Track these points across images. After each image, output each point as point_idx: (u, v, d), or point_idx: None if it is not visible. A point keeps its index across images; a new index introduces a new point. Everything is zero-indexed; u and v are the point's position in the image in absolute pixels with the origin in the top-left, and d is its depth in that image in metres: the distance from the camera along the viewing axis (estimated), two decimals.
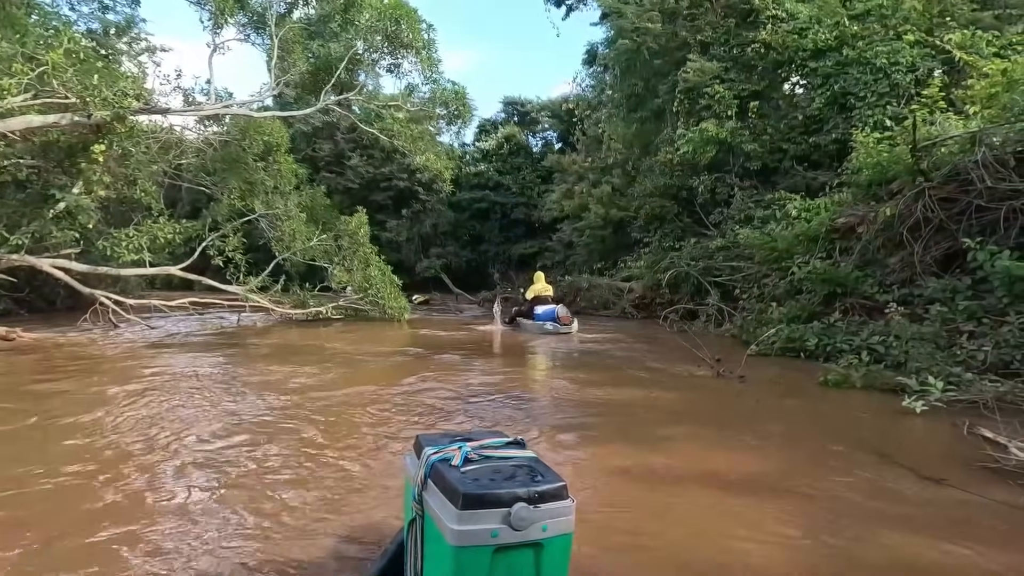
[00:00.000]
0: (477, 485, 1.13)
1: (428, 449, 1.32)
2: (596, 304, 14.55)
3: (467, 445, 1.32)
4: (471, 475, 1.19)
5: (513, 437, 1.44)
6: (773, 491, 2.64)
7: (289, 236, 12.70)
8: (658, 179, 14.29)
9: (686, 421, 3.97)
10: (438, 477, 1.21)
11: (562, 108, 33.31)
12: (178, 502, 2.44)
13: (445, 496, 1.15)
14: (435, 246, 30.83)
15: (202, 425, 3.63)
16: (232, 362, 6.39)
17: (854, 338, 6.40)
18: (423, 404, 4.34)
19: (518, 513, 1.08)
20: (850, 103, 10.64)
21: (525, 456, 1.33)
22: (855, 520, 2.34)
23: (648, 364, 6.73)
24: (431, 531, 1.20)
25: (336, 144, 32.98)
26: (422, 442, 1.38)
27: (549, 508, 1.13)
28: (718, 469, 2.94)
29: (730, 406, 4.44)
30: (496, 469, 1.23)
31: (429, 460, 1.27)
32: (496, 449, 1.35)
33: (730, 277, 10.70)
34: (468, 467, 1.23)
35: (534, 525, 1.10)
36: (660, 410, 4.30)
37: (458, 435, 1.43)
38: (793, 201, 10.25)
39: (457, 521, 1.08)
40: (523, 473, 1.22)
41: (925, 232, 6.81)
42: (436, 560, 1.18)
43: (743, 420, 4.02)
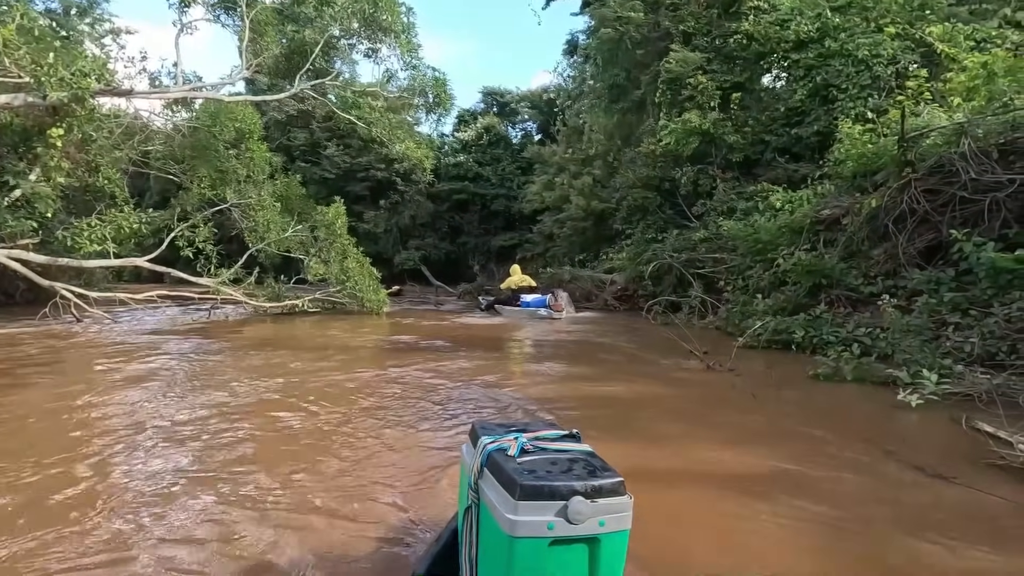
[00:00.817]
0: (534, 476, 1.12)
1: (484, 438, 1.31)
2: (578, 296, 14.43)
3: (523, 436, 1.31)
4: (527, 466, 1.18)
5: (569, 430, 1.41)
6: (782, 493, 2.51)
7: (263, 227, 12.29)
8: (640, 170, 14.20)
9: (683, 418, 3.84)
10: (495, 467, 1.20)
11: (542, 99, 33.10)
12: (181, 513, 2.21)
13: (502, 486, 1.14)
14: (414, 238, 30.40)
15: (161, 434, 3.37)
16: (200, 360, 6.07)
17: (840, 330, 6.38)
18: (405, 403, 4.13)
19: (575, 507, 1.07)
20: (832, 95, 10.65)
21: (581, 449, 1.31)
22: (871, 523, 2.23)
23: (637, 357, 6.62)
24: (486, 520, 1.19)
25: (311, 133, 32.25)
26: (478, 431, 1.38)
27: (606, 503, 1.11)
28: (723, 470, 2.81)
29: (726, 401, 4.33)
30: (552, 461, 1.22)
31: (486, 449, 1.26)
32: (552, 441, 1.34)
33: (713, 269, 10.67)
34: (524, 458, 1.22)
35: (591, 520, 1.09)
36: (655, 406, 4.17)
37: (513, 425, 1.43)
38: (776, 193, 10.24)
39: (514, 511, 1.08)
40: (580, 467, 1.20)
41: (909, 224, 6.81)
42: (491, 549, 1.18)
43: (741, 416, 3.92)
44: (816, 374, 4.98)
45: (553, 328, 9.75)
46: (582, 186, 20.63)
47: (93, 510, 2.25)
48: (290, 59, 12.26)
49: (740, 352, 6.54)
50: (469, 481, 1.29)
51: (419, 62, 12.79)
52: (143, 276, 16.31)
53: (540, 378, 5.22)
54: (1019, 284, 5.57)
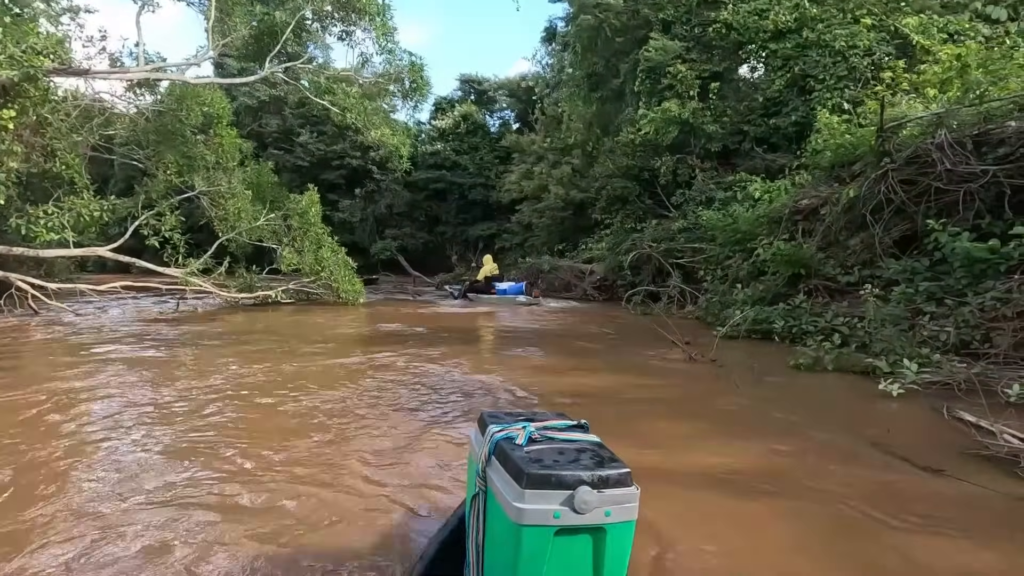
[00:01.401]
0: (541, 465, 1.12)
1: (492, 426, 1.32)
2: (557, 286, 14.41)
3: (531, 425, 1.32)
4: (535, 455, 1.18)
5: (577, 420, 1.41)
6: (770, 489, 2.46)
7: (234, 215, 11.89)
8: (620, 160, 14.14)
9: (667, 410, 3.79)
10: (502, 455, 1.21)
11: (520, 87, 32.80)
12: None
13: (509, 474, 1.15)
14: (390, 227, 29.95)
15: (117, 437, 3.17)
16: (165, 355, 5.81)
17: (819, 319, 6.42)
18: (386, 397, 3.98)
19: (581, 496, 1.07)
20: (809, 85, 10.72)
21: (589, 440, 1.31)
22: (861, 518, 2.18)
23: (619, 347, 6.57)
24: (493, 507, 1.21)
25: (284, 119, 31.45)
26: (486, 419, 1.38)
27: (613, 494, 1.11)
28: (709, 465, 2.75)
29: (710, 392, 4.29)
30: (560, 451, 1.22)
31: (493, 437, 1.27)
32: (560, 431, 1.34)
33: (692, 259, 10.70)
34: (532, 447, 1.23)
35: (597, 510, 1.08)
36: (638, 397, 4.10)
37: (522, 414, 1.44)
38: (754, 183, 10.29)
39: (520, 499, 1.08)
40: (587, 457, 1.20)
41: (886, 214, 6.87)
42: (497, 536, 1.19)
43: (725, 408, 3.88)
44: (797, 364, 4.98)
45: (533, 317, 9.68)
46: (561, 175, 20.52)
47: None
48: (260, 40, 11.79)
49: (721, 342, 6.54)
50: (477, 468, 1.29)
51: (395, 46, 12.45)
52: (108, 267, 15.72)
53: (522, 370, 5.12)
54: (992, 273, 5.66)
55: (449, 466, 2.65)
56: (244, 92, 31.71)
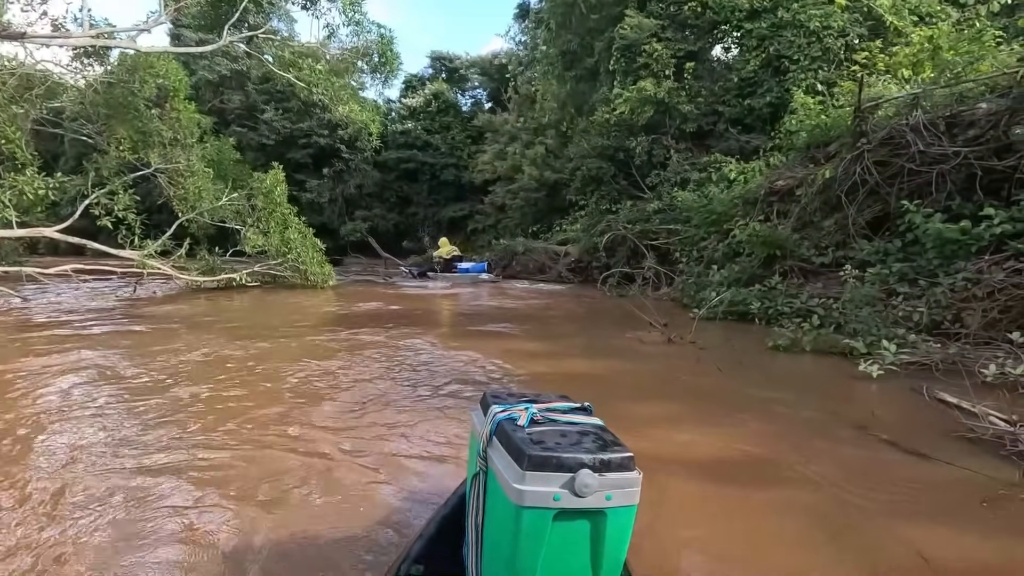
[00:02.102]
0: (542, 447, 1.11)
1: (495, 407, 1.30)
2: (532, 268, 14.26)
3: (534, 406, 1.31)
4: (537, 437, 1.16)
5: (580, 403, 1.39)
6: (759, 477, 2.39)
7: (194, 194, 11.32)
8: (594, 140, 13.96)
9: (650, 395, 3.69)
10: (503, 435, 1.20)
11: (492, 65, 32.18)
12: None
13: (510, 455, 1.13)
14: (360, 208, 29.26)
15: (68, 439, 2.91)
16: (121, 344, 5.46)
17: (794, 300, 6.43)
18: (359, 387, 3.78)
19: (582, 479, 1.05)
20: (784, 66, 10.69)
21: (592, 423, 1.29)
22: (854, 506, 2.12)
23: (597, 330, 6.47)
24: (493, 487, 1.19)
25: (247, 95, 30.21)
26: (489, 399, 1.37)
27: (615, 477, 1.09)
28: (696, 452, 2.66)
29: (693, 375, 4.21)
30: (562, 433, 1.21)
31: (496, 418, 1.26)
32: (562, 413, 1.32)
33: (667, 240, 10.67)
34: (534, 428, 1.22)
35: (598, 493, 1.07)
36: (620, 381, 4.00)
37: (524, 395, 1.42)
38: (729, 164, 10.26)
39: (521, 481, 1.06)
40: (589, 440, 1.19)
41: (860, 195, 6.90)
42: (497, 516, 1.18)
43: (709, 392, 3.80)
44: (776, 345, 4.96)
45: (509, 299, 9.54)
46: (534, 156, 20.27)
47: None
48: (217, 8, 11.14)
49: (698, 324, 6.52)
50: (478, 448, 1.28)
51: (362, 17, 11.92)
52: (61, 249, 14.92)
53: (499, 353, 4.96)
54: (963, 254, 5.74)
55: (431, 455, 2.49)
56: (204, 66, 30.34)
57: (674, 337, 5.43)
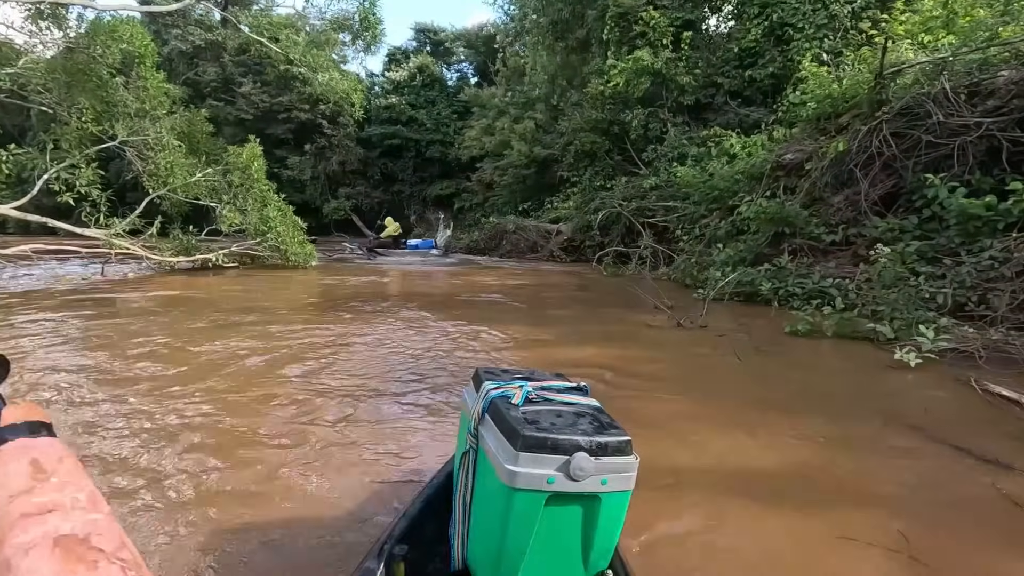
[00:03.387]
0: (537, 427, 1.04)
1: (488, 383, 1.24)
2: (523, 247, 13.83)
3: (528, 384, 1.23)
4: (531, 416, 1.10)
5: (577, 382, 1.32)
6: (829, 496, 2.01)
7: (165, 170, 10.63)
8: (588, 113, 13.42)
9: (669, 387, 3.31)
10: (496, 414, 1.14)
11: (479, 37, 31.19)
12: None
13: (503, 434, 1.08)
14: (343, 186, 28.43)
15: None
16: (88, 329, 4.95)
17: (804, 281, 6.10)
18: (342, 381, 3.36)
19: (578, 463, 0.99)
20: (788, 35, 10.22)
21: (588, 404, 1.22)
22: (943, 535, 1.75)
23: (599, 313, 6.08)
24: (484, 467, 1.14)
25: (223, 67, 29.01)
26: (482, 375, 1.30)
27: (611, 462, 1.02)
28: (731, 457, 2.30)
29: (710, 365, 3.84)
30: (558, 413, 1.14)
31: (488, 395, 1.19)
32: (558, 392, 1.25)
33: (664, 218, 10.28)
34: (528, 407, 1.15)
35: (593, 477, 1.01)
36: (632, 372, 3.62)
37: (519, 372, 1.36)
38: (730, 138, 9.84)
39: (514, 462, 1.00)
40: (586, 421, 1.11)
41: (875, 169, 6.54)
42: (486, 497, 1.14)
43: (736, 386, 3.43)
44: (794, 330, 4.61)
45: (501, 279, 9.11)
46: (524, 131, 19.65)
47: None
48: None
49: (701, 304, 6.17)
50: (469, 425, 1.22)
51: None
52: (33, 229, 14.12)
53: (497, 341, 4.56)
54: (988, 231, 5.42)
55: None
56: (176, 35, 29.05)
57: (683, 321, 5.06)
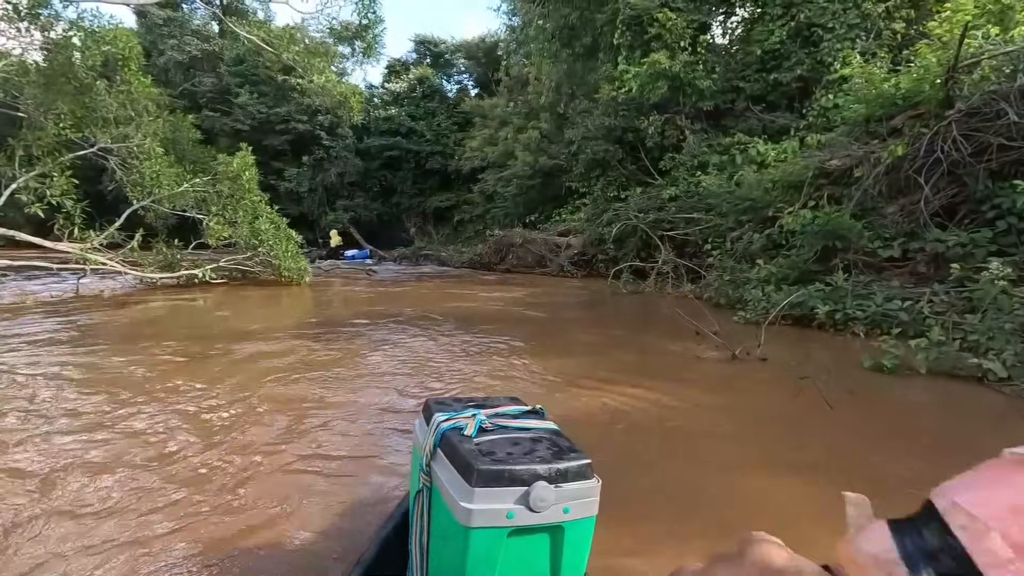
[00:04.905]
0: (492, 460, 0.97)
1: (438, 415, 1.14)
2: (530, 261, 13.08)
3: (481, 413, 1.15)
4: (486, 447, 1.03)
5: (532, 406, 1.23)
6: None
7: (151, 179, 9.89)
8: (599, 120, 12.74)
9: (769, 456, 2.53)
10: (449, 448, 1.05)
11: (479, 48, 30.79)
12: None
13: (457, 470, 0.99)
14: (342, 198, 27.78)
15: None
16: (51, 351, 4.16)
17: (865, 302, 5.35)
18: (351, 436, 2.58)
19: (538, 493, 0.92)
20: (816, 36, 9.56)
21: (545, 428, 1.14)
22: None
23: (633, 340, 5.30)
24: (439, 506, 1.05)
25: (220, 77, 28.51)
26: (432, 407, 1.21)
27: (572, 488, 0.96)
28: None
29: (800, 417, 3.05)
30: (514, 441, 1.06)
31: (439, 428, 1.10)
32: (513, 418, 1.17)
33: (685, 231, 9.55)
34: (482, 438, 1.07)
35: (555, 507, 0.94)
36: (697, 426, 2.85)
37: (472, 400, 1.27)
38: (755, 145, 9.15)
39: (469, 499, 0.94)
40: (543, 448, 1.04)
41: (937, 175, 5.82)
42: (444, 537, 1.04)
43: (844, 448, 2.65)
44: (879, 365, 3.84)
45: (514, 298, 8.35)
46: (528, 140, 19.02)
47: None
48: None
49: (748, 329, 5.41)
50: (420, 462, 1.11)
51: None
52: (20, 242, 13.36)
53: (522, 381, 3.78)
54: None
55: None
56: (172, 46, 28.59)
57: (739, 352, 4.28)
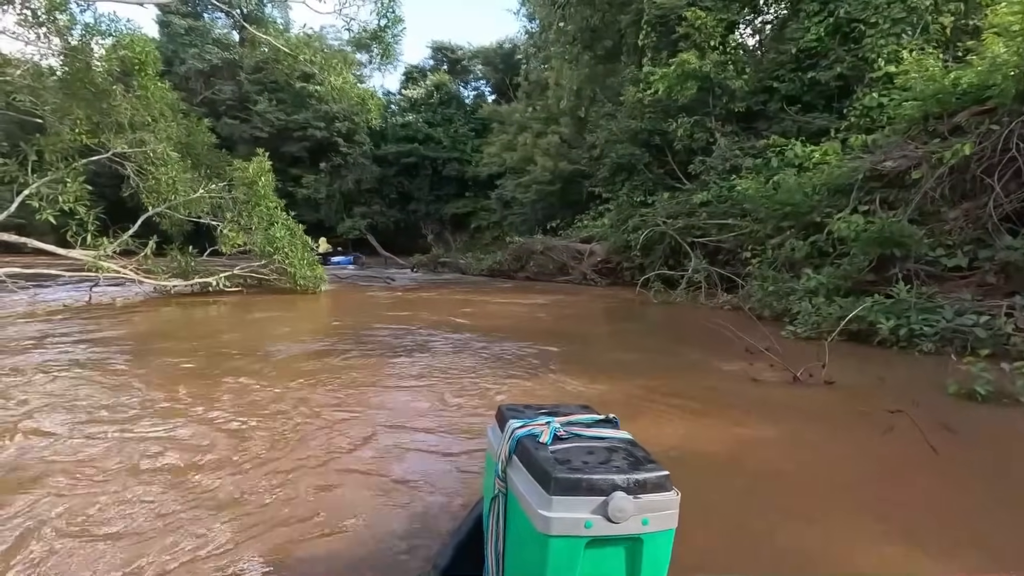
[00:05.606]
0: (569, 468, 0.97)
1: (513, 422, 1.15)
2: (551, 269, 12.65)
3: (555, 420, 1.15)
4: (561, 455, 1.02)
5: (605, 415, 1.21)
6: None
7: (167, 186, 9.69)
8: (624, 123, 12.30)
9: (868, 518, 2.07)
10: (525, 454, 1.05)
11: (497, 54, 30.63)
12: None
13: (534, 477, 0.99)
14: (359, 205, 27.69)
15: None
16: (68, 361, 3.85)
17: (933, 317, 4.83)
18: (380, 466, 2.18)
19: (616, 504, 0.91)
20: (858, 31, 9.04)
21: (620, 437, 1.12)
22: None
23: (674, 357, 4.85)
24: (515, 513, 1.05)
25: (239, 85, 28.67)
26: (505, 414, 1.22)
27: (651, 499, 0.94)
28: None
29: (895, 463, 2.54)
30: (589, 450, 1.05)
31: (514, 435, 1.11)
32: (587, 427, 1.16)
33: (718, 237, 9.06)
34: (558, 445, 1.07)
35: (634, 518, 0.93)
36: (773, 468, 2.40)
37: (543, 408, 1.26)
38: (794, 147, 8.65)
39: (548, 507, 0.93)
40: (619, 457, 1.03)
41: (1008, 175, 5.30)
42: (521, 545, 1.04)
43: (956, 505, 2.19)
44: (970, 391, 3.34)
45: (539, 305, 7.94)
46: (548, 145, 18.69)
47: None
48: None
49: (800, 346, 4.93)
50: (496, 469, 1.12)
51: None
52: (29, 248, 13.29)
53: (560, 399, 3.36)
54: None
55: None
56: (193, 54, 28.83)
57: (801, 374, 3.81)
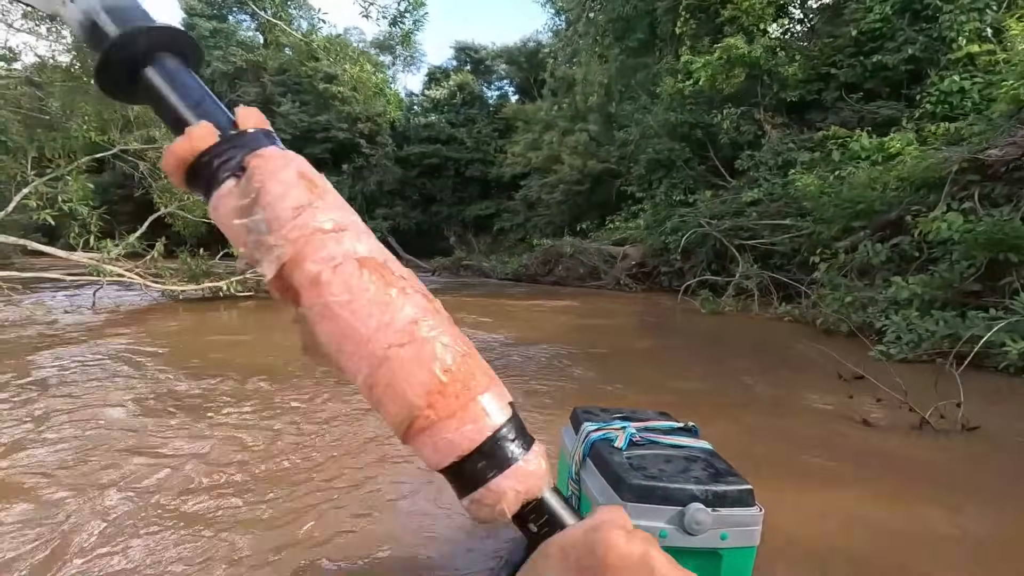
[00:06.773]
0: (644, 475, 0.94)
1: (587, 425, 1.13)
2: (582, 273, 11.83)
3: (631, 425, 1.12)
4: (637, 462, 0.99)
5: (684, 423, 1.17)
6: None
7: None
8: (662, 116, 11.41)
9: None
10: (599, 458, 1.02)
11: (522, 51, 29.98)
12: None
13: (607, 482, 0.97)
14: (381, 206, 27.27)
15: None
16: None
17: None
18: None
19: (693, 515, 0.88)
20: (934, 7, 8.04)
21: (700, 447, 1.07)
22: None
23: (741, 386, 4.02)
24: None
25: (263, 87, 28.57)
26: (580, 415, 1.20)
27: (731, 514, 0.90)
28: None
29: None
30: (666, 458, 1.02)
31: (589, 437, 1.09)
32: (664, 434, 1.12)
33: (771, 240, 8.15)
34: (633, 451, 1.04)
35: (712, 531, 0.88)
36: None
37: (619, 411, 1.23)
38: (860, 139, 7.71)
39: None
40: (698, 467, 0.98)
41: None
42: None
43: None
44: None
45: (570, 313, 7.16)
46: (576, 144, 17.87)
47: None
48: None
49: (899, 370, 4.05)
50: (570, 470, 1.10)
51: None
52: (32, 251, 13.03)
53: None
54: None
55: None
56: (218, 57, 28.83)
57: (931, 416, 2.97)
